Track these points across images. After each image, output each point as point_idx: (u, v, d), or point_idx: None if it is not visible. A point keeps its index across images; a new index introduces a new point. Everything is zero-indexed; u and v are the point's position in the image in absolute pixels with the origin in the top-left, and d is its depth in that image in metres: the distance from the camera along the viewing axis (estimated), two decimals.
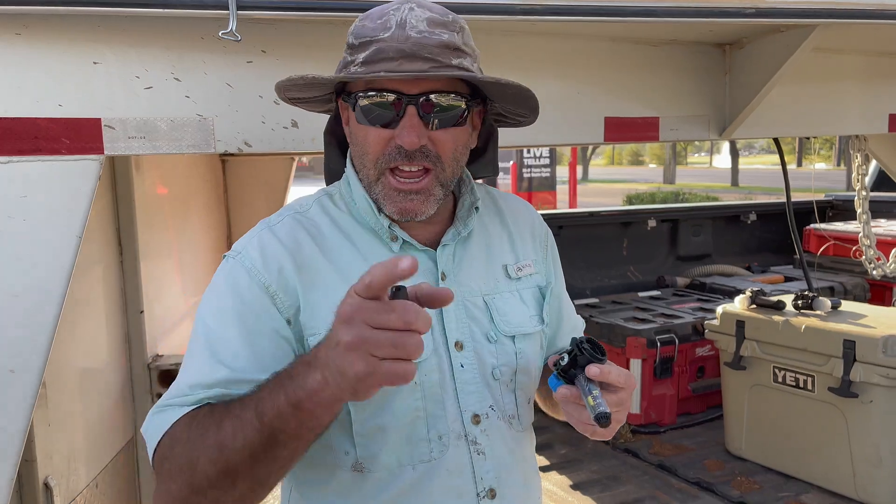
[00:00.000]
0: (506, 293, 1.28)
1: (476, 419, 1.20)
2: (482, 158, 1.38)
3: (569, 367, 1.10)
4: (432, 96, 1.12)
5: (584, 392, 1.07)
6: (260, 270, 1.13)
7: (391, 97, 1.11)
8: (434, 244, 1.23)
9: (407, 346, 0.83)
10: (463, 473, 1.18)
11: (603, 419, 1.03)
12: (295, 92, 1.25)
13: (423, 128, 1.12)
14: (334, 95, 1.26)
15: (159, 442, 1.05)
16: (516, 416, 1.26)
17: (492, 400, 1.22)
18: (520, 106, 1.27)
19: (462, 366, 1.20)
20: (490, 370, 1.22)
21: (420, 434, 1.16)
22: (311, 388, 0.91)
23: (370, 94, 1.12)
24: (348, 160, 1.27)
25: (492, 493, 1.20)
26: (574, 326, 1.45)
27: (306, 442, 0.98)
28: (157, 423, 1.07)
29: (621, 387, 1.11)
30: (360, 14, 1.18)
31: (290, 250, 1.15)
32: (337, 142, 1.36)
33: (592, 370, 1.07)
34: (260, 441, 0.95)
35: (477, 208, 1.27)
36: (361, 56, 1.12)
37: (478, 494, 1.19)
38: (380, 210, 1.20)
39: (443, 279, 1.21)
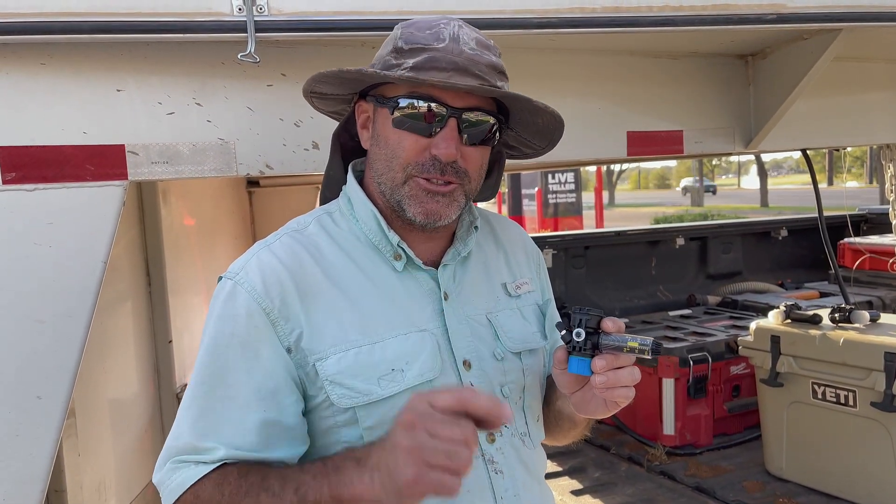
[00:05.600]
0: (507, 310, 1.29)
1: (491, 437, 1.19)
2: (486, 181, 1.37)
3: (587, 339, 1.07)
4: (473, 113, 1.14)
5: (620, 345, 1.06)
6: (261, 295, 1.11)
7: (436, 107, 1.12)
8: (435, 264, 1.23)
9: (461, 457, 0.91)
10: (483, 494, 1.17)
11: (659, 347, 1.05)
12: (325, 85, 1.24)
13: (459, 142, 1.14)
14: (356, 97, 1.26)
15: (180, 497, 1.08)
16: (527, 434, 1.26)
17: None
18: (539, 138, 1.29)
19: (472, 384, 1.19)
20: (499, 388, 1.22)
21: None
22: (356, 489, 0.98)
23: (414, 100, 1.13)
24: (350, 174, 1.27)
25: None
26: None
27: None
28: (177, 480, 1.08)
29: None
30: (396, 26, 1.19)
31: (291, 270, 1.14)
32: (341, 150, 1.34)
33: (608, 324, 1.07)
34: None
35: (476, 227, 1.27)
36: (411, 61, 1.12)
37: None
38: (399, 216, 1.19)
39: (445, 299, 1.21)
